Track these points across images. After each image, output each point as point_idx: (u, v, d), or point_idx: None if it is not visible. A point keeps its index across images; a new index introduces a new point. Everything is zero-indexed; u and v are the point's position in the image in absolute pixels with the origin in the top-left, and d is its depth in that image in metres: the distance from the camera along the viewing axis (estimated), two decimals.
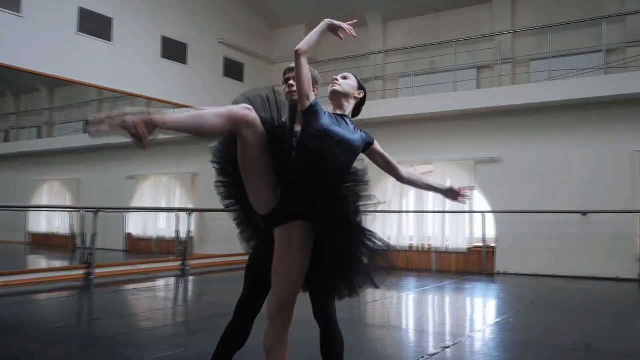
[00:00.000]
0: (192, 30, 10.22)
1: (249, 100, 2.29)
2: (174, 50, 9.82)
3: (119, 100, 11.81)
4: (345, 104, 2.57)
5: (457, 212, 9.59)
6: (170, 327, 5.17)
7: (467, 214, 9.65)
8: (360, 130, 2.56)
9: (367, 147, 2.57)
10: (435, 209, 9.86)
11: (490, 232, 9.56)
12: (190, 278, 8.76)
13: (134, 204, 12.26)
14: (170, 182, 12.65)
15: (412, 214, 10.23)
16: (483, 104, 9.46)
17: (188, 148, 12.52)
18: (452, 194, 2.68)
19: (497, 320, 5.26)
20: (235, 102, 2.34)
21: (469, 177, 9.68)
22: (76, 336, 4.55)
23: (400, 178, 2.64)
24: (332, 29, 2.55)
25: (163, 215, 12.23)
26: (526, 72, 9.88)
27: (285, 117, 2.33)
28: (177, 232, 10.02)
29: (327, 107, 2.52)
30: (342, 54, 11.37)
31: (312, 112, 2.41)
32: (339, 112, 2.58)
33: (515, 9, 10.13)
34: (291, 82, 2.73)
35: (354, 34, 2.65)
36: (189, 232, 9.66)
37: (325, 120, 2.41)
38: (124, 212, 11.81)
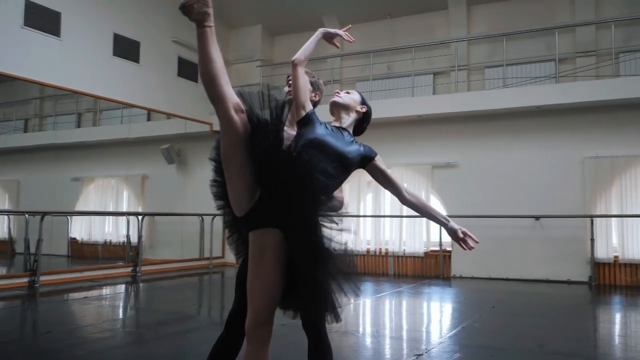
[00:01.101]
0: (145, 28, 9.85)
1: (240, 95, 2.17)
2: (126, 48, 9.43)
3: (63, 99, 11.29)
4: (345, 116, 2.53)
5: (414, 217, 9.65)
6: (124, 337, 4.89)
7: (424, 219, 9.70)
8: (360, 144, 2.48)
9: (366, 161, 2.47)
10: (393, 214, 9.89)
11: (447, 236, 9.64)
12: (142, 285, 8.40)
13: (79, 207, 11.72)
14: (118, 184, 12.18)
15: (369, 218, 10.22)
16: (440, 110, 9.56)
17: (138, 149, 12.13)
18: (454, 235, 2.52)
19: (463, 325, 5.26)
20: None
21: (426, 182, 9.77)
22: (24, 353, 4.21)
23: (403, 199, 2.52)
24: (328, 38, 2.58)
25: (110, 219, 11.76)
26: (481, 79, 10.07)
27: (274, 115, 2.21)
28: (128, 236, 9.63)
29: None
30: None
31: (307, 121, 2.35)
32: (337, 124, 2.52)
33: (470, 16, 10.32)
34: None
35: (352, 39, 2.60)
36: (140, 237, 9.29)
37: (320, 131, 2.34)
38: (69, 215, 11.27)
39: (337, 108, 2.55)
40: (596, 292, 7.90)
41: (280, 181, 2.10)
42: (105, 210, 11.86)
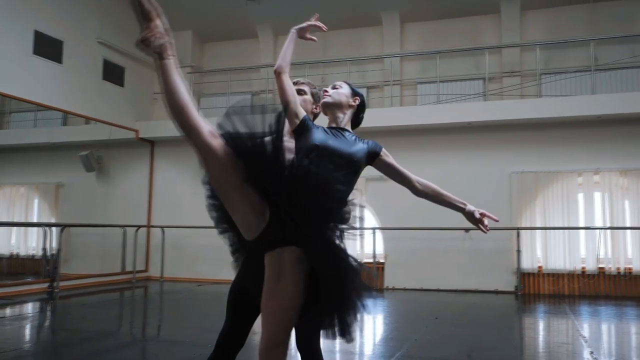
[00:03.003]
0: (69, 26, 9.21)
1: (229, 113, 1.94)
2: (48, 47, 8.76)
3: None
4: (340, 115, 2.40)
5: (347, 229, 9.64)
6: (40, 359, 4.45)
7: (357, 231, 9.74)
8: (363, 141, 2.35)
9: (372, 158, 2.35)
10: None
11: (380, 249, 9.76)
12: (60, 302, 7.75)
13: None
14: (28, 193, 11.24)
15: None
16: (372, 124, 9.60)
17: (52, 155, 11.28)
18: (472, 218, 2.42)
19: (415, 338, 5.27)
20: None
21: (359, 194, 9.79)
22: None
23: (416, 191, 2.42)
24: (302, 34, 2.45)
25: (17, 230, 10.82)
26: (414, 95, 10.33)
27: (270, 130, 2.00)
28: (45, 249, 8.89)
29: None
30: (232, 64, 11.05)
31: (303, 129, 2.23)
32: (334, 125, 2.39)
33: (403, 33, 10.59)
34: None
35: (324, 28, 2.49)
36: (60, 250, 8.60)
37: (319, 135, 2.22)
38: None
39: (330, 108, 2.42)
40: (522, 301, 8.26)
41: (292, 199, 1.92)
42: (11, 220, 10.89)
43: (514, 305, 8.06)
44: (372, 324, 6.45)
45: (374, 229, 9.74)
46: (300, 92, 2.53)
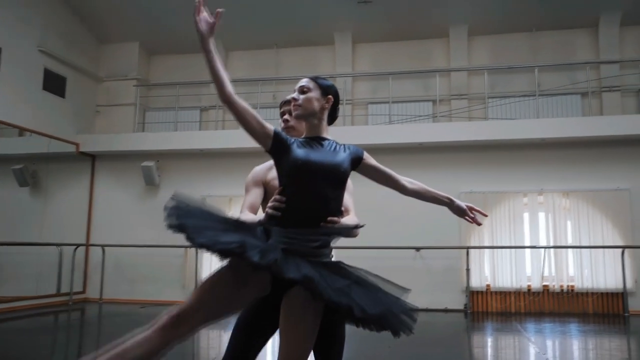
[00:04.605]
0: (8, 32, 8.68)
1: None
2: None
3: None
4: (315, 122, 2.21)
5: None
6: None
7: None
8: (344, 147, 2.21)
9: (357, 163, 2.22)
10: None
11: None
12: None
13: None
14: None
15: None
16: None
17: None
18: (459, 211, 2.40)
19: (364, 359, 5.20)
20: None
21: None
22: None
23: (404, 190, 2.33)
24: (211, 32, 2.03)
25: None
26: (365, 114, 10.41)
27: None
28: None
29: None
30: (180, 78, 10.78)
31: (279, 147, 2.07)
32: (311, 133, 2.22)
33: (355, 53, 10.70)
34: (286, 116, 2.35)
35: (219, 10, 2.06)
36: None
37: (300, 152, 2.06)
38: None
39: (303, 120, 2.24)
40: (472, 319, 8.39)
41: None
42: None
43: (463, 324, 8.16)
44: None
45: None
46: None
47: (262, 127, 2.04)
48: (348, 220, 2.25)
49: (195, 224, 1.92)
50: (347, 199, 2.36)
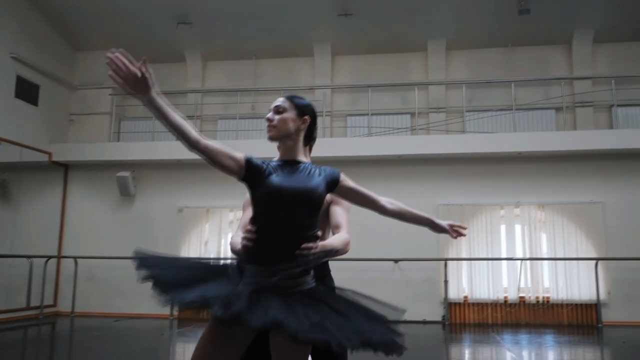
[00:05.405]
0: None
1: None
2: None
3: None
4: (290, 143, 2.16)
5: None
6: None
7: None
8: (319, 169, 2.16)
9: (333, 186, 2.16)
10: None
11: None
12: None
13: None
14: None
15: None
16: None
17: None
18: (440, 230, 2.40)
19: None
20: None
21: None
22: None
23: (384, 211, 2.27)
24: (141, 87, 1.94)
25: None
26: (343, 126, 10.42)
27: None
28: None
29: None
30: (157, 88, 10.63)
31: (252, 176, 2.04)
32: (286, 157, 2.16)
33: (334, 65, 10.72)
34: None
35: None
36: None
37: (273, 179, 2.02)
38: None
39: (278, 141, 2.17)
40: (449, 330, 8.41)
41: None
42: None
43: (441, 335, 8.18)
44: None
45: None
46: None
47: (235, 160, 2.01)
48: (338, 238, 2.21)
49: (162, 278, 1.95)
50: (341, 215, 2.33)
